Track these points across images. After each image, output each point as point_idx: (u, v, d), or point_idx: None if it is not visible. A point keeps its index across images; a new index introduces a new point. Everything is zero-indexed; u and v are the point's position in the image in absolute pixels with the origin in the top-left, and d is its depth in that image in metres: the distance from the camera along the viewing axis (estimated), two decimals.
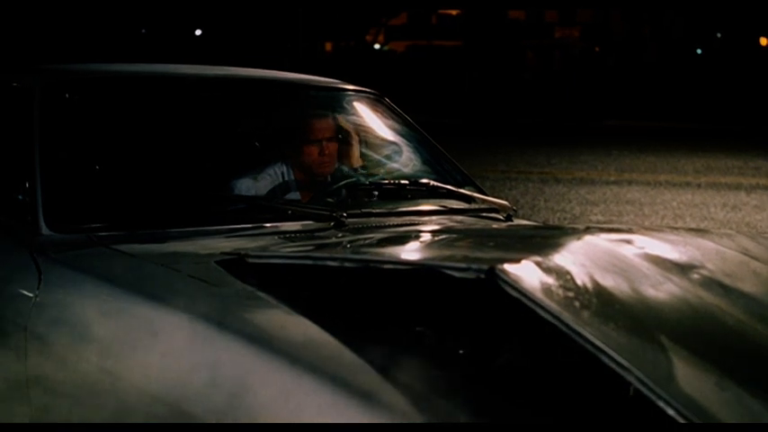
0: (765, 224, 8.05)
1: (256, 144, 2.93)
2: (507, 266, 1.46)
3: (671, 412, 1.24)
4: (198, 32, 33.05)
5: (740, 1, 31.05)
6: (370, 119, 3.05)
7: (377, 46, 40.35)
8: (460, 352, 1.54)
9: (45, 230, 2.19)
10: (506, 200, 2.96)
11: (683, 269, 1.76)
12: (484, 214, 2.80)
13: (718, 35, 34.46)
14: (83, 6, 28.42)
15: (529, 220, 4.12)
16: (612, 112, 21.15)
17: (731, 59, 28.47)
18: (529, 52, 37.53)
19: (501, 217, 2.81)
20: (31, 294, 1.96)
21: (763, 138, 16.39)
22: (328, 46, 37.78)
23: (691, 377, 1.37)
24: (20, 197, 2.32)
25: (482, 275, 1.45)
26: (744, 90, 23.28)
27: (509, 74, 25.12)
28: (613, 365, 1.30)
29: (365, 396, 1.36)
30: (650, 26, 35.18)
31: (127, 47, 25.95)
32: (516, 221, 2.84)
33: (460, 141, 11.56)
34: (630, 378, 1.28)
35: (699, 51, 34.17)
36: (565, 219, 8.07)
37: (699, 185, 10.37)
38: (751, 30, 31.41)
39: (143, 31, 32.05)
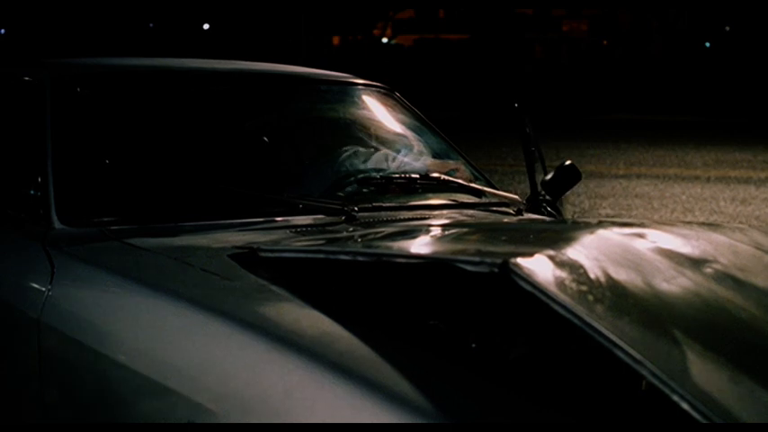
0: None
1: (264, 139, 2.93)
2: (521, 260, 1.46)
3: (685, 406, 1.24)
4: (206, 27, 33.08)
5: None
6: (381, 113, 3.05)
7: (384, 40, 40.31)
8: (473, 346, 1.54)
9: (57, 224, 2.19)
10: (515, 193, 2.96)
11: (695, 263, 1.76)
12: (494, 208, 2.80)
13: (727, 28, 34.36)
14: (92, 1, 28.47)
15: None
16: (619, 106, 21.10)
17: (740, 53, 28.39)
18: (537, 46, 37.47)
19: (511, 211, 2.81)
20: (43, 288, 1.97)
21: None
22: (336, 40, 37.78)
23: (704, 371, 1.36)
24: (32, 191, 2.32)
25: (495, 269, 1.44)
26: (753, 83, 23.22)
27: (511, 67, 25.02)
28: (627, 359, 1.30)
29: (381, 391, 1.35)
30: (656, 19, 35.05)
31: (135, 41, 26.01)
32: (527, 215, 2.84)
33: (464, 135, 11.53)
34: (644, 372, 1.28)
35: (707, 45, 34.06)
36: (574, 212, 8.06)
37: (708, 179, 10.34)
38: (759, 23, 31.29)
39: (151, 25, 32.09)
